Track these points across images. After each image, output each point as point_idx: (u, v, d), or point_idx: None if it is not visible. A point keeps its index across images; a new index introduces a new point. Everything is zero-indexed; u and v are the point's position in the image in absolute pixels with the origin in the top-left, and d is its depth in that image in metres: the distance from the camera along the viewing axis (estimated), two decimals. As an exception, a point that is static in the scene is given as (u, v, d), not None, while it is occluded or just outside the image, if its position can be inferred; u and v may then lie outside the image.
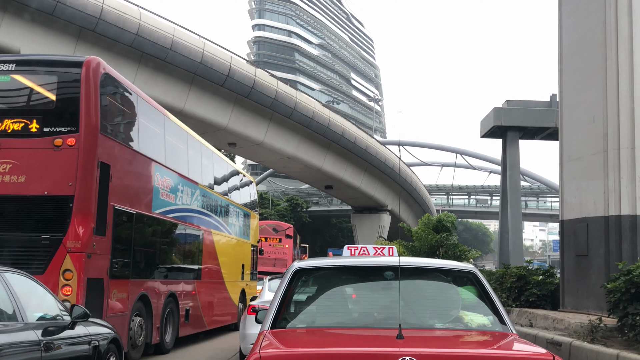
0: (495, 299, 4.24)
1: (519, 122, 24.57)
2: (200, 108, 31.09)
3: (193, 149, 14.34)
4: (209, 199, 15.06)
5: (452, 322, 4.28)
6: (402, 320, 3.76)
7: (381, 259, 5.31)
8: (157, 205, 11.59)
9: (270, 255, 38.04)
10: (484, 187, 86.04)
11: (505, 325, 4.08)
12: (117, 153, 9.97)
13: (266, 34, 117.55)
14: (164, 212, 11.99)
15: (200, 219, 14.43)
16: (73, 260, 8.68)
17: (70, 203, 8.83)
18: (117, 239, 9.86)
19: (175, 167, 12.74)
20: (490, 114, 25.43)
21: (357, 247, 6.21)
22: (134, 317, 10.59)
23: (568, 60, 11.24)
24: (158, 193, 11.65)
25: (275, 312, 4.11)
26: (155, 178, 11.52)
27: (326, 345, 3.80)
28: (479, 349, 3.87)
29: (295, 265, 4.45)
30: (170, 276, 12.60)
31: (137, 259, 10.84)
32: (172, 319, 12.56)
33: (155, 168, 11.51)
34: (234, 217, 17.58)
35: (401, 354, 3.22)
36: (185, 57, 29.00)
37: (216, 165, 16.39)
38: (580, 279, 10.31)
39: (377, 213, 53.54)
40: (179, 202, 12.88)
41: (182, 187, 13.08)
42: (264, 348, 3.46)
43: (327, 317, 4.39)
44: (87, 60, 9.41)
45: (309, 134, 38.97)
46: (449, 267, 4.81)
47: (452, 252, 21.66)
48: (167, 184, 12.11)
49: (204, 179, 14.77)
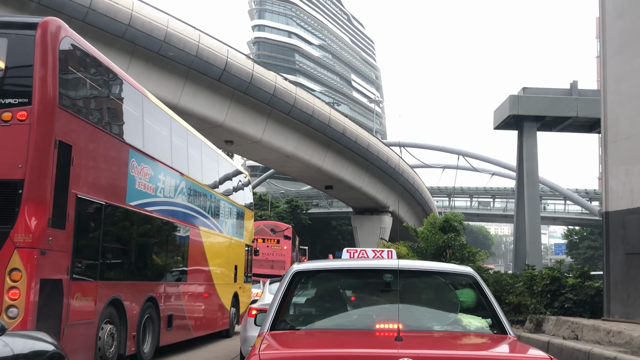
0: (493, 302, 4.24)
1: (537, 111, 22.56)
2: (195, 104, 29.65)
3: (178, 136, 12.89)
4: (196, 192, 13.60)
5: (451, 324, 4.29)
6: (400, 322, 3.82)
7: (380, 262, 5.17)
8: (132, 196, 10.14)
9: (268, 257, 36.54)
10: (486, 190, 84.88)
11: (504, 328, 4.08)
12: (82, 132, 8.50)
13: (266, 35, 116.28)
14: (142, 205, 10.54)
15: (187, 215, 12.97)
16: (22, 257, 7.23)
17: (20, 189, 7.37)
18: (81, 234, 8.41)
19: (156, 155, 11.30)
20: (505, 102, 23.55)
21: (356, 250, 6.12)
22: (103, 325, 9.13)
23: (613, 23, 9.62)
24: (134, 182, 10.19)
25: (274, 314, 4.11)
26: (131, 165, 10.06)
27: (325, 346, 3.79)
28: (477, 351, 3.86)
29: (294, 268, 4.46)
30: (149, 278, 11.14)
31: (107, 258, 9.38)
32: (151, 326, 11.10)
33: (130, 154, 10.06)
34: (226, 214, 16.12)
35: (400, 355, 3.22)
36: (180, 50, 27.64)
37: (205, 156, 14.94)
38: (631, 281, 8.73)
39: (379, 214, 52.06)
40: (161, 195, 11.42)
41: (165, 177, 11.63)
42: (263, 350, 3.45)
43: (326, 319, 4.40)
44: (44, 22, 7.95)
45: (309, 132, 37.58)
46: (447, 270, 4.78)
47: (459, 253, 20.20)
48: (146, 172, 10.66)
49: (190, 170, 13.32)
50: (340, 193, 49.69)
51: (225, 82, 30.28)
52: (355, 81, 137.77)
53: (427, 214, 52.78)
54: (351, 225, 62.80)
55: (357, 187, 45.48)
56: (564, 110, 21.67)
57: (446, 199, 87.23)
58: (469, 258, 19.78)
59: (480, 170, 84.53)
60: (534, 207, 24.40)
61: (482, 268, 15.37)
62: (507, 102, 23.19)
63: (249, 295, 19.21)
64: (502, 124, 24.14)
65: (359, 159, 42.83)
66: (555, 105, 21.95)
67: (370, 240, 48.62)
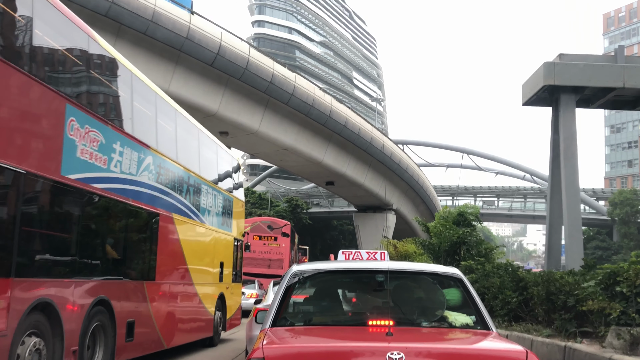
0: (477, 301, 4.52)
1: (576, 81, 19.32)
2: (187, 90, 27.20)
3: (143, 100, 10.43)
4: (169, 172, 11.15)
5: (438, 321, 4.57)
6: (391, 319, 4.21)
7: (372, 264, 5.20)
8: (71, 167, 7.69)
9: (265, 256, 33.96)
10: (490, 189, 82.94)
11: (487, 324, 4.35)
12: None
13: (266, 31, 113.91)
14: (87, 180, 8.09)
15: (155, 198, 10.52)
16: None
17: None
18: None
19: (109, 118, 8.88)
20: (538, 72, 20.30)
21: (351, 252, 6.02)
22: (25, 339, 6.71)
23: None
24: (74, 149, 7.75)
25: (275, 312, 4.38)
26: (70, 126, 7.62)
27: (322, 341, 4.10)
28: (461, 344, 4.11)
29: (293, 269, 4.78)
30: (99, 274, 8.68)
31: (28, 247, 6.93)
32: (103, 338, 8.65)
33: (68, 110, 7.61)
34: (209, 202, 13.66)
35: (390, 348, 3.49)
36: (169, 31, 25.23)
37: (182, 129, 12.49)
38: None
39: (382, 212, 49.59)
40: (116, 170, 8.97)
41: (124, 148, 9.18)
42: (266, 344, 3.67)
43: (323, 316, 4.75)
44: None
45: (309, 124, 35.21)
46: (435, 271, 5.01)
47: (476, 250, 17.74)
48: (93, 138, 8.21)
49: (161, 144, 10.86)
50: (342, 190, 47.29)
51: (219, 68, 27.95)
52: (357, 79, 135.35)
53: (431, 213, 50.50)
54: (352, 225, 60.62)
55: (360, 184, 43.10)
56: (608, 79, 18.44)
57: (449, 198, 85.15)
58: (487, 255, 17.30)
59: (485, 169, 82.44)
60: (573, 195, 21.14)
61: (514, 266, 12.99)
62: (540, 71, 20.04)
63: (239, 297, 16.74)
64: (533, 98, 20.95)
65: (362, 153, 40.46)
66: (598, 74, 18.65)
67: (373, 239, 46.24)
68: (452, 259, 17.47)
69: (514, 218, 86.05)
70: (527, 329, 9.91)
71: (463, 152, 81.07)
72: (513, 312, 11.05)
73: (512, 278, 11.57)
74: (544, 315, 9.85)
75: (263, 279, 30.03)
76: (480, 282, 12.78)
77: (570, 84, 19.82)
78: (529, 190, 79.71)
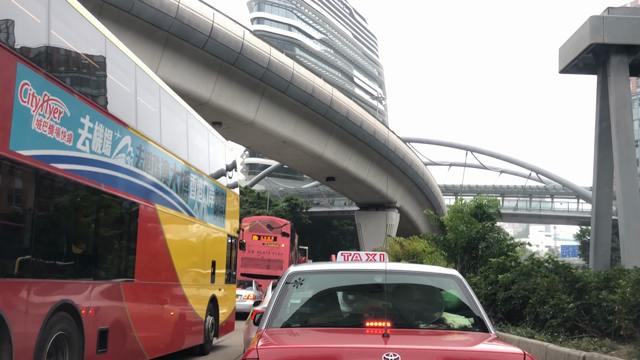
0: (477, 302, 4.47)
1: (630, 39, 16.46)
2: (176, 76, 25.66)
3: (119, 70, 8.98)
4: (150, 156, 9.71)
5: (436, 322, 4.55)
6: (388, 320, 4.03)
7: (370, 265, 5.27)
8: (23, 141, 6.26)
9: (264, 256, 32.59)
10: (495, 187, 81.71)
11: (486, 326, 4.31)
12: None
13: (266, 28, 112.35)
14: (45, 158, 6.65)
15: (134, 185, 9.09)
16: None
17: None
18: None
19: (74, 85, 7.45)
20: (582, 28, 17.36)
21: (350, 253, 5.89)
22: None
23: None
24: (28, 119, 6.32)
25: (271, 313, 4.35)
26: (22, 91, 6.19)
27: (318, 342, 4.09)
28: (457, 346, 4.06)
29: (290, 270, 4.77)
30: (61, 274, 7.24)
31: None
32: (67, 349, 7.20)
33: (20, 71, 6.18)
34: (199, 193, 12.22)
35: (386, 349, 3.48)
36: (157, 10, 23.76)
37: (167, 109, 11.03)
38: None
39: (385, 210, 48.05)
40: (85, 149, 7.53)
41: (94, 124, 7.73)
42: (261, 345, 3.65)
43: (320, 317, 4.74)
44: None
45: (309, 114, 33.69)
46: (433, 272, 5.08)
47: (497, 248, 16.22)
48: (54, 109, 6.78)
49: (141, 123, 9.42)
50: (343, 186, 45.81)
51: (211, 52, 26.43)
52: (358, 77, 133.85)
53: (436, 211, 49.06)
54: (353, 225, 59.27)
55: (362, 179, 41.60)
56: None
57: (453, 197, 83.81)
58: (508, 252, 15.74)
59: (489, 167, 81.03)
60: (629, 175, 17.75)
61: (567, 264, 11.18)
62: (586, 27, 16.80)
63: (233, 300, 15.30)
64: (575, 61, 17.73)
65: (365, 147, 38.94)
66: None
67: (376, 238, 44.79)
68: (469, 256, 15.98)
69: (519, 218, 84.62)
70: (606, 348, 7.81)
71: (467, 150, 79.84)
72: (570, 322, 9.21)
73: (564, 278, 9.86)
74: (631, 329, 7.85)
75: (262, 280, 28.79)
76: (519, 282, 10.76)
77: (623, 42, 17.01)
78: (535, 189, 78.36)
